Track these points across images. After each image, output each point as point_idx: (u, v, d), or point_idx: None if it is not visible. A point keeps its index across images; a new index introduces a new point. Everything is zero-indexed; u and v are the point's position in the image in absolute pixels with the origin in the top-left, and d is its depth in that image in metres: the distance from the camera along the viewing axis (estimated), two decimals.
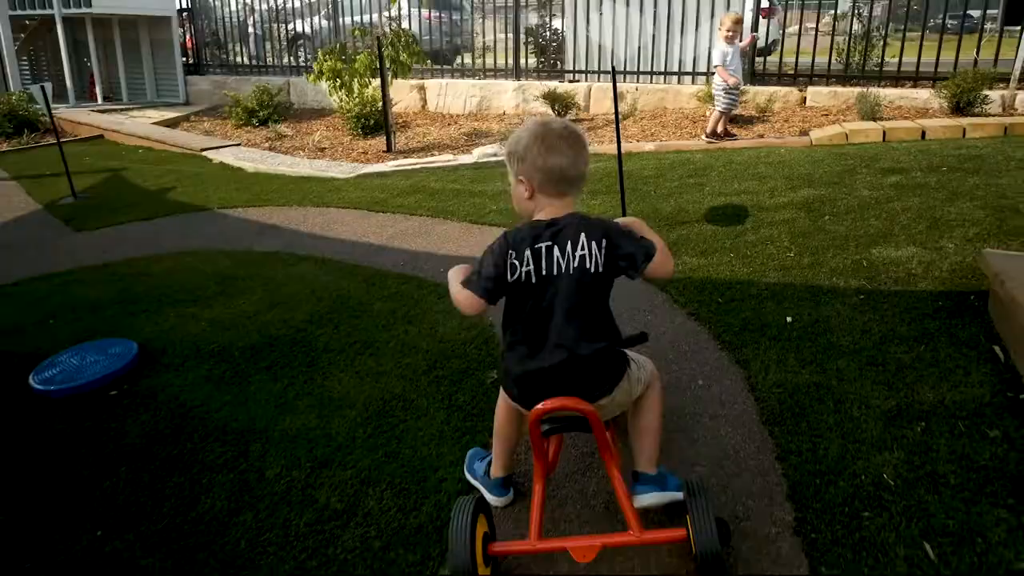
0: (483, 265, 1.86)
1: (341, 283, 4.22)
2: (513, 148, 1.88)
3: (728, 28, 6.72)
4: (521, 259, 1.80)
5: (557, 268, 1.79)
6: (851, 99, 8.20)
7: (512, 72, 10.36)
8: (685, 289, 3.69)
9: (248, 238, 5.26)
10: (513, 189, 1.92)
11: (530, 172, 1.84)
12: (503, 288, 1.84)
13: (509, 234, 1.86)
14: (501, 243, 1.85)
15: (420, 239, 4.99)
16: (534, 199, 1.87)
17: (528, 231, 1.83)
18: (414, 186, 6.36)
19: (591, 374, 1.85)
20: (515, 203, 1.95)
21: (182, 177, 7.35)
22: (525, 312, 1.84)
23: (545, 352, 1.82)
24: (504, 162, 1.98)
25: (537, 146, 1.83)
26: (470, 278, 1.87)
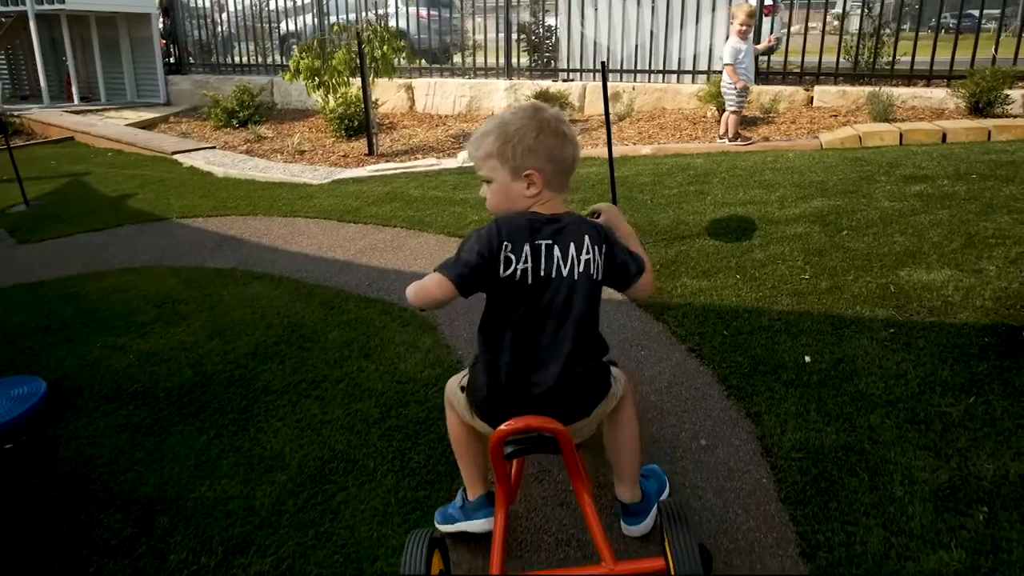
0: (463, 250, 1.61)
1: (295, 307, 3.73)
2: (509, 139, 1.61)
3: (741, 22, 6.21)
4: (519, 253, 1.58)
5: (557, 271, 1.59)
6: (861, 99, 7.73)
7: (503, 71, 9.87)
8: (685, 318, 3.20)
9: (203, 252, 4.76)
10: (502, 189, 1.65)
11: (542, 163, 1.60)
12: (485, 282, 1.61)
13: (502, 221, 1.61)
14: (492, 231, 1.60)
15: (390, 254, 4.50)
16: (539, 196, 1.63)
17: (525, 223, 1.60)
18: (391, 193, 5.87)
19: (578, 394, 1.67)
20: (503, 205, 1.66)
21: (146, 183, 6.86)
22: (515, 316, 1.61)
23: (535, 366, 1.61)
24: (479, 162, 1.68)
25: (546, 133, 1.61)
26: (444, 262, 1.63)
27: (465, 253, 1.60)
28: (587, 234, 1.62)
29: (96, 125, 9.95)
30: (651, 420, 2.48)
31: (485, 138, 1.66)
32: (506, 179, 1.63)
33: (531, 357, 1.61)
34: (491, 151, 1.63)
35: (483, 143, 1.66)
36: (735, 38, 6.36)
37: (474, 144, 1.69)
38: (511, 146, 1.60)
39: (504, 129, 1.63)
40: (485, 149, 1.65)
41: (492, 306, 1.66)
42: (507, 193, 1.64)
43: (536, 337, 1.60)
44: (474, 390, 1.72)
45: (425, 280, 1.65)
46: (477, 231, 1.63)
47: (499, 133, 1.63)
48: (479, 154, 1.67)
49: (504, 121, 1.65)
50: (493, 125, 1.66)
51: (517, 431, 1.55)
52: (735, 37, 6.35)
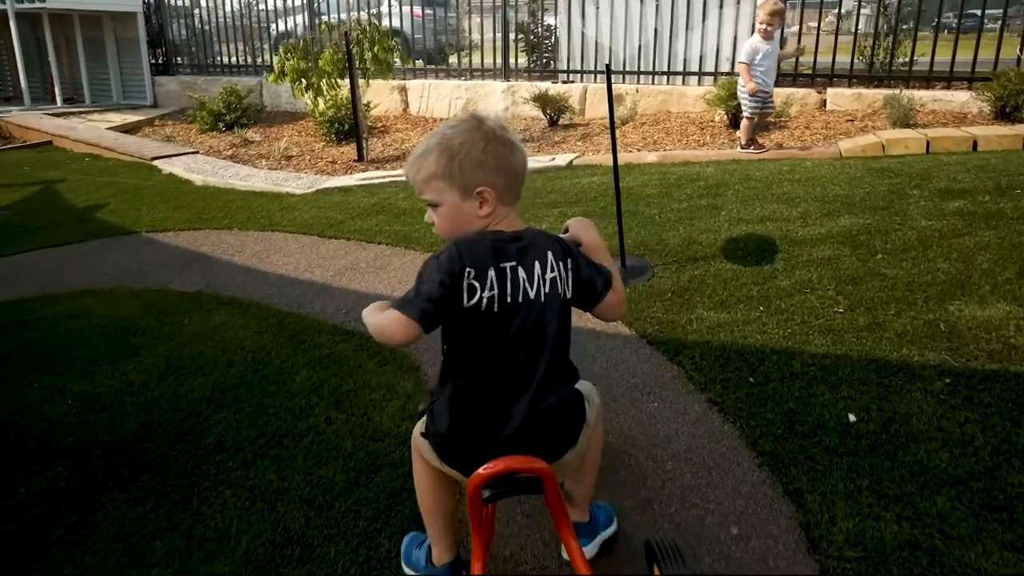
0: (423, 282, 1.45)
1: (262, 340, 3.32)
2: (455, 154, 1.45)
3: (761, 20, 5.78)
4: (483, 280, 1.43)
5: (524, 294, 1.45)
6: (877, 102, 7.32)
7: (501, 72, 9.46)
8: (703, 359, 2.78)
9: (169, 272, 4.35)
10: (452, 212, 1.48)
11: (493, 177, 1.46)
12: (449, 314, 1.45)
13: (461, 245, 1.45)
14: (452, 257, 1.44)
15: (373, 276, 4.09)
16: (493, 214, 1.48)
17: (488, 245, 1.46)
18: (378, 205, 5.45)
19: (554, 428, 1.53)
20: (456, 230, 1.50)
21: (120, 191, 6.45)
22: (480, 348, 1.47)
23: (505, 402, 1.47)
24: (421, 185, 1.51)
25: (494, 143, 1.46)
26: (404, 298, 1.46)
27: (426, 285, 1.43)
28: (550, 250, 1.49)
29: (76, 128, 9.54)
30: (669, 496, 2.07)
31: (426, 157, 1.48)
32: (455, 200, 1.47)
33: (500, 391, 1.47)
34: (435, 171, 1.46)
35: (424, 163, 1.48)
36: (756, 37, 5.93)
37: (413, 166, 1.51)
38: (457, 162, 1.44)
39: (447, 144, 1.46)
40: (428, 170, 1.48)
41: (454, 337, 1.50)
42: (458, 216, 1.48)
43: (504, 368, 1.47)
44: (436, 432, 1.55)
45: (384, 319, 1.48)
46: (436, 257, 1.45)
47: (442, 150, 1.46)
48: (420, 177, 1.50)
49: (445, 136, 1.48)
50: (433, 142, 1.49)
51: (497, 474, 1.39)
52: (756, 36, 5.92)
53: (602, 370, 2.80)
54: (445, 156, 1.45)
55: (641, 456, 2.27)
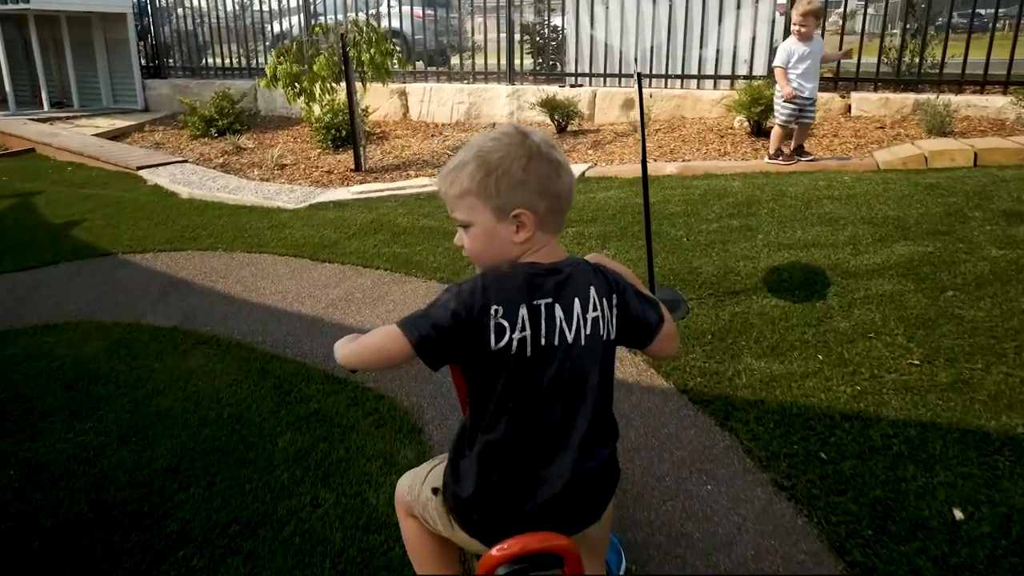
0: (435, 306, 1.26)
1: (241, 391, 2.88)
2: (492, 170, 1.25)
3: (795, 21, 5.33)
4: (513, 319, 1.23)
5: (561, 336, 1.26)
6: (906, 108, 6.90)
7: (505, 75, 9.02)
8: (760, 424, 2.35)
9: (143, 302, 3.92)
10: (484, 235, 1.29)
11: (533, 200, 1.26)
12: (460, 353, 1.26)
13: (489, 279, 1.26)
14: (476, 290, 1.24)
15: (369, 308, 3.65)
16: (531, 241, 1.28)
17: (521, 278, 1.26)
18: (377, 222, 5.02)
19: (593, 494, 1.35)
20: (488, 255, 1.31)
21: (100, 205, 6.02)
22: (513, 398, 1.27)
23: (541, 461, 1.28)
24: (453, 201, 1.31)
25: (537, 161, 1.25)
26: (407, 318, 1.27)
27: (436, 310, 1.26)
28: (592, 285, 1.31)
29: (60, 135, 9.10)
30: None
31: (460, 171, 1.30)
32: (489, 222, 1.28)
33: (536, 449, 1.29)
34: (469, 187, 1.28)
35: (458, 177, 1.30)
36: (791, 39, 5.49)
37: (446, 179, 1.32)
38: (494, 179, 1.26)
39: (485, 158, 1.27)
40: (461, 185, 1.29)
41: (481, 385, 1.30)
42: (491, 240, 1.29)
43: (541, 422, 1.28)
44: (458, 495, 1.35)
45: (371, 334, 1.33)
46: (457, 285, 1.28)
47: (479, 163, 1.27)
48: (453, 192, 1.31)
49: (483, 149, 1.29)
50: (470, 154, 1.30)
51: (513, 556, 1.22)
52: (791, 38, 5.48)
53: (640, 438, 2.37)
54: (482, 171, 1.26)
55: (698, 562, 1.83)
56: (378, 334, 1.31)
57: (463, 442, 1.36)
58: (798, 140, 5.63)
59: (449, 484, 1.38)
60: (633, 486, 2.14)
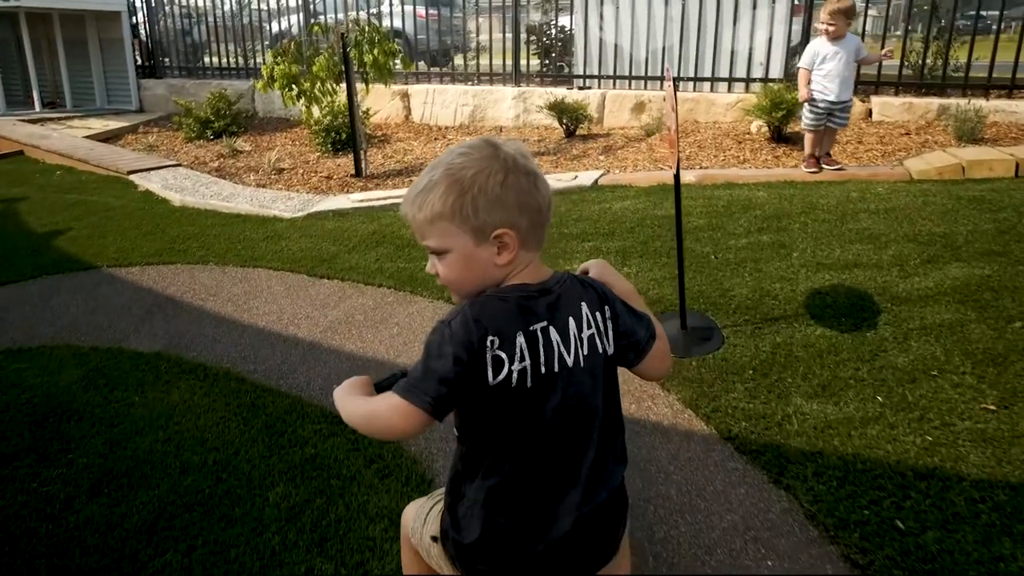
0: (431, 358, 1.12)
1: (229, 431, 2.58)
2: (466, 189, 1.12)
3: (823, 20, 5.01)
4: (511, 350, 1.12)
5: (560, 362, 1.16)
6: (930, 112, 6.61)
7: (511, 77, 8.72)
8: (819, 482, 2.05)
9: (127, 323, 3.62)
10: (463, 261, 1.16)
11: (514, 217, 1.14)
12: (469, 395, 1.13)
13: (478, 308, 1.14)
14: (468, 324, 1.11)
15: (371, 332, 3.35)
16: (514, 262, 1.16)
17: (513, 304, 1.15)
18: (379, 233, 4.72)
19: (607, 529, 1.26)
20: (467, 284, 1.18)
21: (87, 212, 5.71)
22: (515, 435, 1.17)
23: (551, 500, 1.19)
24: (423, 227, 1.17)
25: (515, 174, 1.14)
26: (409, 383, 1.13)
27: (436, 362, 1.11)
28: (584, 300, 1.21)
29: (50, 137, 8.80)
30: None
31: (429, 193, 1.16)
32: (467, 246, 1.15)
33: (543, 486, 1.18)
34: (441, 210, 1.14)
35: (427, 200, 1.16)
36: (818, 39, 5.19)
37: (413, 203, 1.18)
38: (470, 199, 1.13)
39: (456, 176, 1.14)
40: (432, 208, 1.15)
41: (478, 424, 1.19)
42: (470, 265, 1.16)
43: (546, 457, 1.17)
44: (460, 542, 1.23)
45: (376, 408, 1.18)
46: (443, 324, 1.13)
47: (450, 183, 1.14)
48: (423, 216, 1.17)
49: (453, 166, 1.15)
50: (439, 173, 1.16)
51: None
52: (819, 38, 5.18)
53: (683, 497, 2.07)
54: (455, 191, 1.14)
55: None
56: (384, 408, 1.16)
57: (459, 483, 1.24)
58: (826, 147, 5.33)
59: (448, 531, 1.26)
60: (680, 559, 1.84)
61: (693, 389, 2.58)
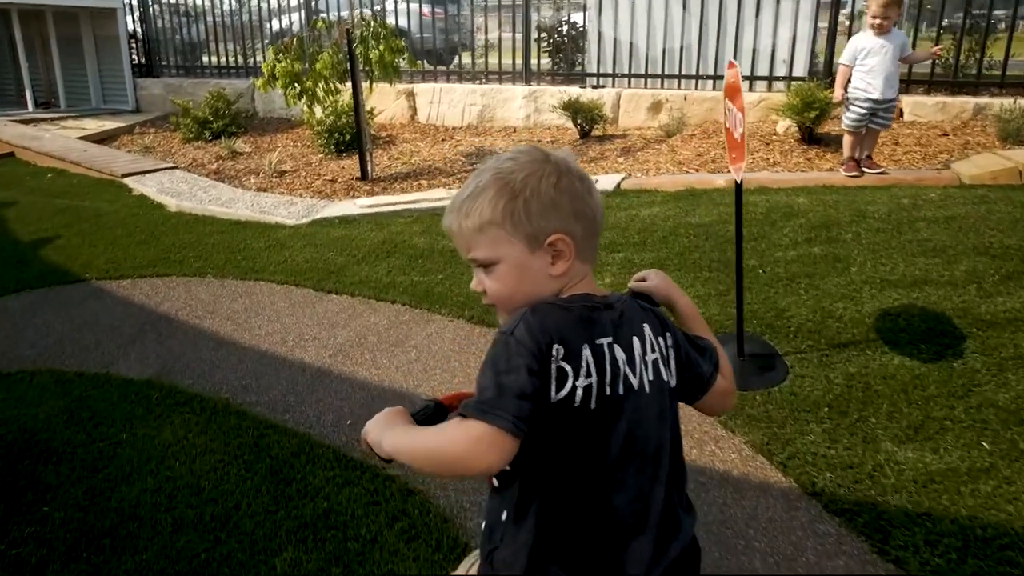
0: (503, 373, 0.97)
1: (230, 478, 2.25)
2: (518, 192, 1.04)
3: (874, 13, 4.64)
4: (577, 363, 0.99)
5: (626, 384, 1.02)
6: (966, 112, 6.29)
7: (521, 75, 8.38)
8: (933, 552, 1.73)
9: (116, 345, 3.28)
10: (516, 271, 1.05)
11: (569, 223, 1.05)
12: (539, 414, 0.98)
13: (541, 313, 1.01)
14: (532, 329, 0.99)
15: (387, 356, 3.02)
16: (569, 273, 1.06)
17: (577, 314, 1.03)
18: (389, 242, 4.39)
19: None
20: (518, 297, 1.05)
21: (77, 219, 5.38)
22: (574, 467, 1.01)
23: (615, 550, 1.02)
24: (472, 236, 1.06)
25: (569, 179, 1.06)
26: (483, 404, 0.96)
27: (509, 376, 0.95)
28: (646, 323, 1.08)
29: (42, 138, 8.47)
30: None
31: (477, 199, 1.05)
32: (520, 255, 1.04)
33: (607, 533, 1.02)
34: (491, 216, 1.03)
35: (475, 207, 1.05)
36: (863, 33, 4.84)
37: (460, 210, 1.06)
38: (522, 203, 1.03)
39: (506, 180, 1.04)
40: (480, 215, 1.04)
41: (531, 449, 0.99)
42: (523, 276, 1.05)
43: (610, 497, 1.01)
44: None
45: (448, 436, 0.98)
46: (505, 334, 0.98)
47: (500, 186, 1.04)
48: (470, 224, 1.05)
49: (502, 170, 1.06)
50: (487, 178, 1.06)
51: None
52: (864, 31, 4.82)
53: (770, 570, 1.73)
54: (505, 195, 1.04)
55: None
56: (457, 436, 0.97)
57: (501, 528, 1.06)
58: (867, 148, 5.00)
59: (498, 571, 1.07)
60: None
61: (762, 430, 2.25)
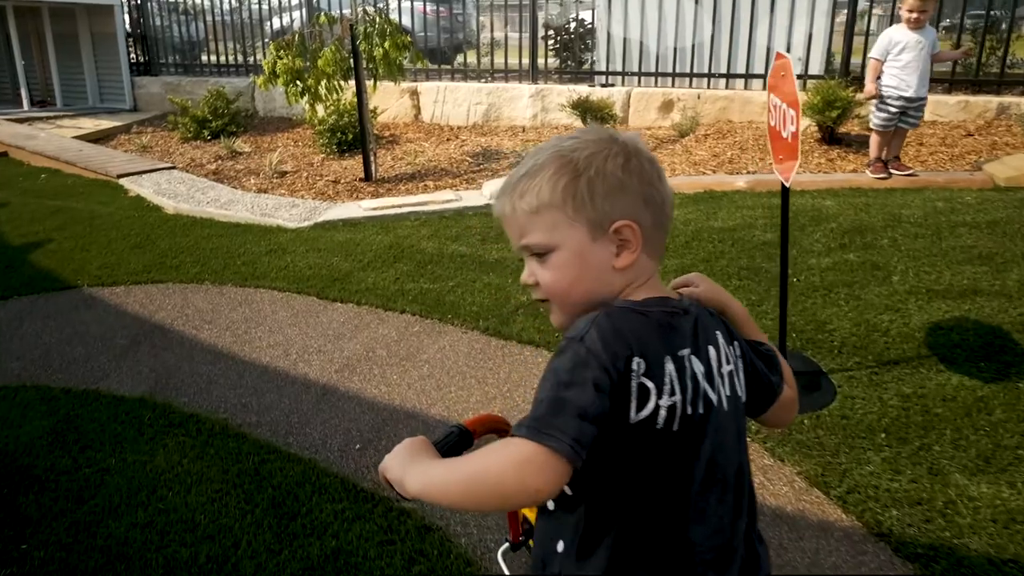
0: (565, 387, 0.83)
1: (228, 511, 2.04)
2: (580, 170, 0.91)
3: (910, 7, 4.42)
4: (660, 379, 0.86)
5: (706, 402, 0.90)
6: (989, 112, 6.10)
7: (528, 73, 8.18)
8: None
9: (107, 356, 3.08)
10: (577, 261, 0.92)
11: (638, 209, 0.92)
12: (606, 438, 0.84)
13: (615, 320, 0.87)
14: (607, 337, 0.85)
15: (397, 371, 2.81)
16: (635, 267, 0.92)
17: (656, 318, 0.90)
18: (396, 247, 4.18)
19: None
20: (577, 292, 0.93)
21: (71, 221, 5.17)
22: (649, 496, 0.88)
23: None
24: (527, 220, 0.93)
25: (638, 161, 0.92)
26: (536, 423, 0.82)
27: (571, 391, 0.82)
28: (718, 330, 0.96)
29: (37, 138, 8.26)
30: None
31: (534, 177, 0.93)
32: (582, 241, 0.91)
33: (684, 570, 0.89)
34: (550, 197, 0.91)
35: (532, 185, 0.93)
36: (896, 26, 4.62)
37: (514, 190, 0.94)
38: (585, 182, 0.90)
39: (568, 158, 0.92)
40: (538, 195, 0.92)
41: (603, 477, 0.87)
42: (584, 267, 0.92)
43: (687, 528, 0.89)
44: None
45: (491, 462, 0.83)
46: (574, 340, 0.85)
47: (561, 164, 0.92)
48: (525, 205, 0.93)
49: (563, 147, 0.93)
50: (546, 155, 0.94)
51: None
52: (898, 25, 4.61)
53: None
54: (567, 173, 0.91)
55: None
56: (503, 462, 0.83)
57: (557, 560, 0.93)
58: (894, 149, 4.79)
59: None
60: None
61: (814, 459, 2.04)
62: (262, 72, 6.02)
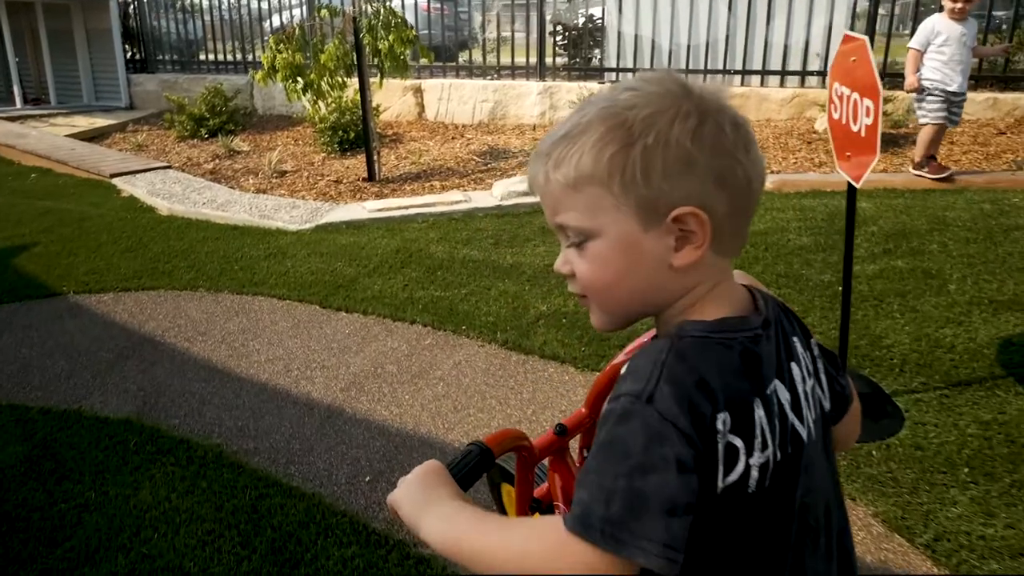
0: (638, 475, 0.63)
1: (222, 558, 1.79)
2: (635, 135, 0.69)
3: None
4: (749, 432, 0.68)
5: (794, 440, 0.73)
6: (1019, 110, 5.90)
7: (535, 70, 7.93)
8: None
9: (91, 372, 2.82)
10: (623, 252, 0.72)
11: (708, 191, 0.70)
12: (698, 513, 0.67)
13: (693, 361, 0.68)
14: (684, 394, 0.65)
15: (409, 390, 2.56)
16: (698, 265, 0.71)
17: (739, 350, 0.71)
18: (403, 251, 3.93)
19: None
20: (624, 291, 0.74)
21: (59, 223, 4.91)
22: (744, 560, 0.71)
23: None
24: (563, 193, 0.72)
25: (713, 126, 0.69)
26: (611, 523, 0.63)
27: (650, 481, 0.63)
28: (794, 335, 0.79)
29: (28, 136, 8.00)
30: None
31: (575, 141, 0.72)
32: (630, 229, 0.71)
33: None
34: (592, 168, 0.70)
35: (571, 152, 0.72)
36: (939, 16, 4.35)
37: (548, 156, 0.74)
38: (640, 152, 0.68)
39: (621, 118, 0.70)
40: (577, 164, 0.71)
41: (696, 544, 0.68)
42: (632, 262, 0.72)
43: None
44: None
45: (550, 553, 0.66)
46: (636, 401, 0.65)
47: (611, 126, 0.70)
48: (561, 176, 0.73)
49: (617, 103, 0.71)
50: (593, 111, 0.72)
51: None
52: (941, 15, 4.34)
53: None
54: (617, 139, 0.69)
55: None
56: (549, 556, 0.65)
57: None
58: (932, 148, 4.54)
59: None
60: None
61: (891, 499, 1.79)
62: (261, 67, 5.77)
